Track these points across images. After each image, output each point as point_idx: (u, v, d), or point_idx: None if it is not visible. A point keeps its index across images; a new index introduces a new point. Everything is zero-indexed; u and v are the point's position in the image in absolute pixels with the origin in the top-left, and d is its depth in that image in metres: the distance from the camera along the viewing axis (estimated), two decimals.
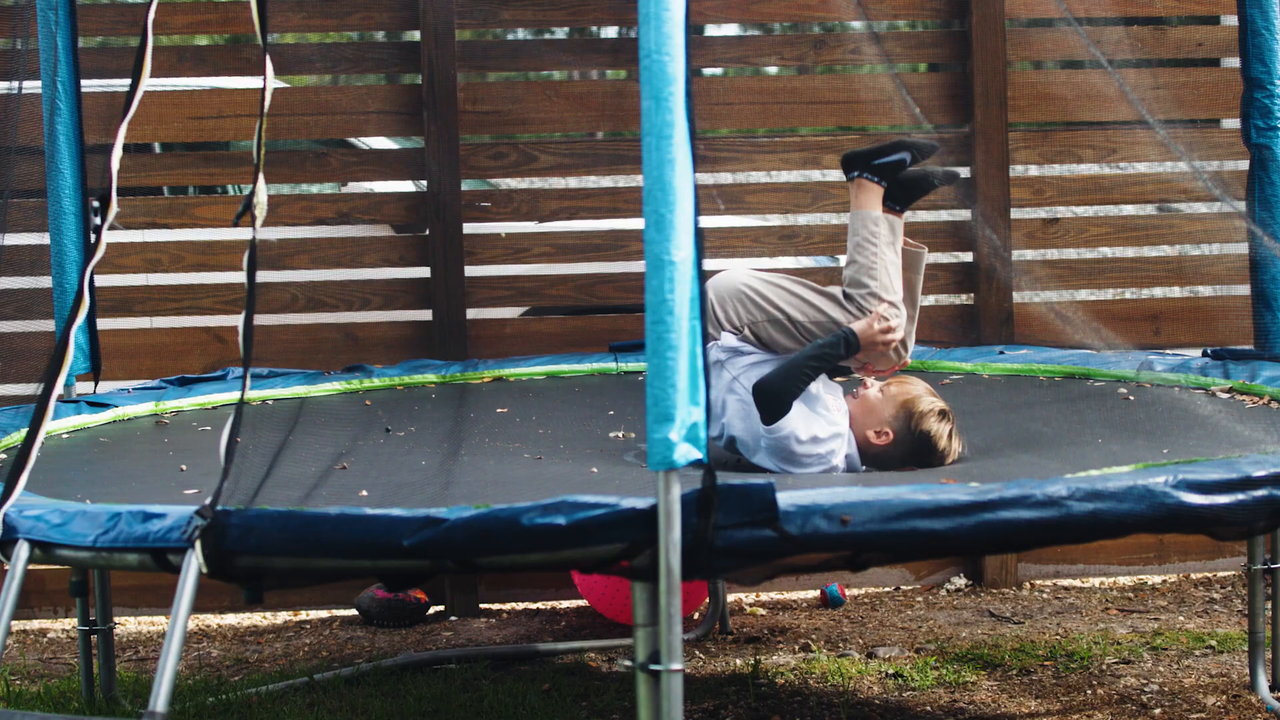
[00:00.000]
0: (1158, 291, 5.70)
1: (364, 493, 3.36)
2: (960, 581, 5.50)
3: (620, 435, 4.29)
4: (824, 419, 3.88)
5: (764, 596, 5.48)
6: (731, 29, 6.53)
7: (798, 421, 3.83)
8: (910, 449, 3.87)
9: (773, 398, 3.83)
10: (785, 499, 2.73)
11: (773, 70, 7.18)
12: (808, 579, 5.38)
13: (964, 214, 5.65)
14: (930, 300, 5.93)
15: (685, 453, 2.64)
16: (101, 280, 5.09)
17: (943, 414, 3.88)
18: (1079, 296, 5.63)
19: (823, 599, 5.36)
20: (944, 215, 5.81)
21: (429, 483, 3.59)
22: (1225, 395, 4.25)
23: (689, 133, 2.66)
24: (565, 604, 5.46)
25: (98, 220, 4.08)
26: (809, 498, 2.76)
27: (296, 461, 3.74)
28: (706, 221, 5.51)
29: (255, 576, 2.90)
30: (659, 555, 2.66)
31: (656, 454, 2.63)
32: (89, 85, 4.75)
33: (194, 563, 2.86)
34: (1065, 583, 5.54)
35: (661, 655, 2.66)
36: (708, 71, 5.72)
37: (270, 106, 5.35)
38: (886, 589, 5.51)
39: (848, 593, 5.42)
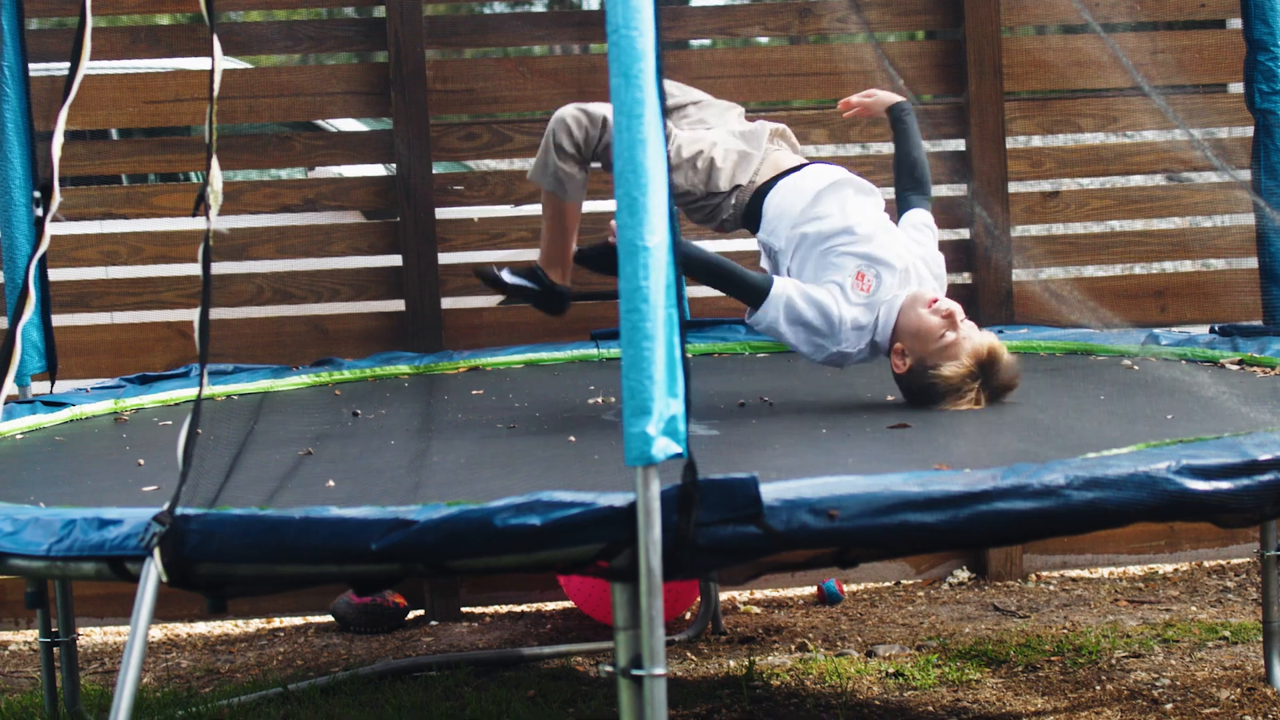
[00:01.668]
0: (1168, 266, 5.51)
1: (331, 482, 3.27)
2: (963, 574, 5.35)
3: (599, 400, 4.21)
4: (847, 303, 3.85)
5: (758, 595, 5.34)
6: None
7: (827, 299, 3.84)
8: (912, 392, 3.85)
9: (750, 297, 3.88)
10: (770, 492, 2.63)
11: (764, 40, 6.98)
12: (803, 575, 5.24)
13: (960, 189, 5.47)
14: None
15: (664, 447, 2.53)
16: (57, 274, 4.96)
17: (975, 400, 3.79)
18: (1082, 273, 5.46)
19: (820, 596, 5.21)
20: (942, 190, 5.61)
21: (399, 465, 3.49)
22: (1235, 367, 4.17)
23: (660, 111, 2.55)
24: (550, 606, 5.33)
25: (39, 211, 3.96)
26: (794, 491, 2.65)
27: (262, 458, 3.64)
28: None
29: (218, 584, 2.80)
30: (639, 555, 2.56)
31: (634, 449, 2.53)
32: (38, 69, 4.60)
33: (153, 571, 2.76)
34: (1073, 573, 5.39)
35: (644, 659, 2.56)
36: (695, 43, 5.51)
37: (232, 88, 5.23)
38: (886, 584, 5.36)
39: (846, 589, 5.27)
